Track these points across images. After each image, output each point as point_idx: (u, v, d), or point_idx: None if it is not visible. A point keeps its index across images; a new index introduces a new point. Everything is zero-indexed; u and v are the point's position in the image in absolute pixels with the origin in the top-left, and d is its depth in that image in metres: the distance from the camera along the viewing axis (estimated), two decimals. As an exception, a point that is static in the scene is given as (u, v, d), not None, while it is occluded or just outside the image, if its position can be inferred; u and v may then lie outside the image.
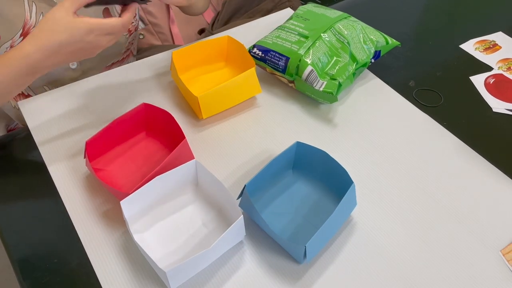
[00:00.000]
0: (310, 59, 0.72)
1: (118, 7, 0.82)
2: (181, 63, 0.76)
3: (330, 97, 0.70)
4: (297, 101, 0.77)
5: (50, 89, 0.83)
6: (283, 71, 0.74)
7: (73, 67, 0.83)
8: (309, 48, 0.73)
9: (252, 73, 0.72)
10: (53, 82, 0.83)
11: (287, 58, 0.73)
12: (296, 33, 0.75)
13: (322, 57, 0.72)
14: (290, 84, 0.76)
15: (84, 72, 0.85)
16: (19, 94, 0.82)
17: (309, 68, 0.71)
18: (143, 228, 0.59)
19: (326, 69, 0.73)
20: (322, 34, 0.74)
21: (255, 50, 0.76)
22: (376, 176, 0.66)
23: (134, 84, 0.79)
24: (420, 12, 1.00)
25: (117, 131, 0.66)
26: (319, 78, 0.71)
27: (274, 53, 0.74)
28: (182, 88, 0.73)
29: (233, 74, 0.80)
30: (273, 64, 0.75)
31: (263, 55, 0.75)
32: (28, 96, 0.83)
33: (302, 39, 0.74)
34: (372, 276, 0.55)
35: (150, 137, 0.70)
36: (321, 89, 0.70)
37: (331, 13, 0.79)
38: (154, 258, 0.52)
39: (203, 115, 0.69)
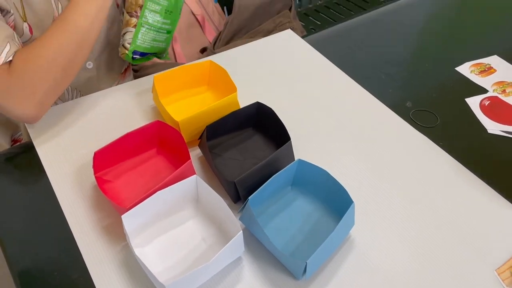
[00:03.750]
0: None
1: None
2: (164, 86, 0.77)
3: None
4: (300, 117, 0.78)
5: (67, 89, 0.87)
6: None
7: (90, 67, 0.87)
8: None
9: (234, 97, 0.73)
10: (72, 82, 0.86)
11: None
12: (165, 31, 0.80)
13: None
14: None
15: (99, 72, 0.89)
16: None
17: None
18: (144, 242, 0.59)
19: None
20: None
21: (136, 56, 0.80)
22: (374, 195, 0.67)
23: (131, 103, 0.81)
24: (417, 34, 1.03)
25: (128, 145, 0.67)
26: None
27: (150, 54, 0.83)
28: (163, 112, 0.74)
29: (215, 98, 0.80)
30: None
31: (140, 57, 0.82)
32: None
33: (168, 35, 0.82)
34: (369, 293, 0.56)
35: (160, 155, 0.71)
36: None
37: None
38: (154, 272, 0.52)
39: (185, 139, 0.68)
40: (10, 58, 0.66)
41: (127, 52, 0.78)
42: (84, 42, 0.70)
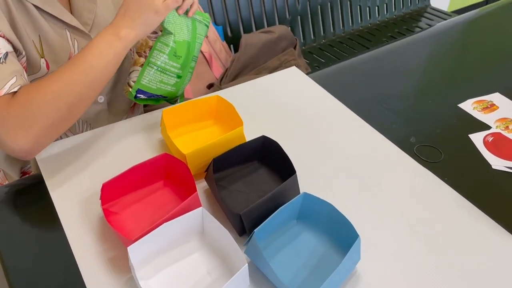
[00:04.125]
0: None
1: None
2: (172, 120, 0.79)
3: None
4: (306, 151, 0.79)
5: (78, 123, 0.89)
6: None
7: (101, 101, 0.90)
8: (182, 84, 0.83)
9: (240, 131, 0.74)
10: (83, 116, 0.88)
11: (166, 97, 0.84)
12: (175, 75, 0.80)
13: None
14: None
15: (110, 106, 0.92)
16: None
17: None
18: (149, 274, 0.59)
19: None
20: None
21: (140, 95, 0.80)
22: (379, 229, 0.67)
23: (140, 136, 0.82)
24: (420, 72, 1.05)
25: (135, 177, 0.68)
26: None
27: (158, 96, 0.82)
28: (170, 145, 0.75)
29: (222, 131, 0.82)
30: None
31: (146, 97, 0.81)
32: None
33: (177, 80, 0.81)
34: (376, 330, 0.55)
35: (167, 187, 0.72)
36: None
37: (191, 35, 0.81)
38: (158, 305, 0.52)
39: (192, 171, 0.69)
40: (15, 90, 0.66)
41: (130, 90, 0.79)
42: (95, 83, 0.71)
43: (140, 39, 0.74)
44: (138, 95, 0.80)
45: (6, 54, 0.68)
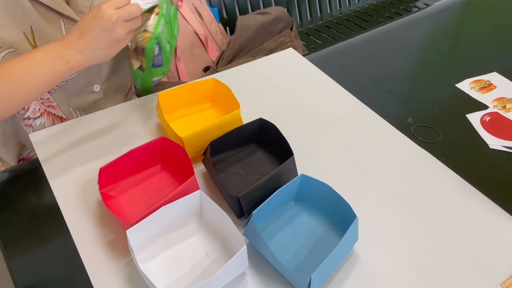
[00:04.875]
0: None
1: None
2: (168, 104, 0.78)
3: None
4: (303, 133, 0.79)
5: (74, 111, 0.88)
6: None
7: (96, 90, 0.88)
8: None
9: (237, 114, 0.74)
10: (79, 104, 0.87)
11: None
12: (169, 43, 0.76)
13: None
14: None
15: (105, 95, 0.90)
16: (50, 114, 0.86)
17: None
18: (148, 257, 0.59)
19: None
20: None
21: (156, 47, 0.74)
22: (377, 209, 0.67)
23: (136, 120, 0.82)
24: (417, 52, 1.05)
25: (132, 161, 0.68)
26: None
27: (158, 61, 0.76)
28: (167, 128, 0.75)
29: (219, 115, 0.82)
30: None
31: (156, 54, 0.75)
32: (59, 117, 0.87)
33: (170, 50, 0.76)
34: (374, 308, 0.56)
35: (165, 171, 0.71)
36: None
37: None
38: (158, 287, 0.52)
39: (189, 155, 0.68)
40: None
41: (150, 35, 0.72)
42: (16, 98, 0.64)
43: (90, 65, 0.67)
44: (155, 46, 0.74)
45: None
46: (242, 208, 0.64)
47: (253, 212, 0.58)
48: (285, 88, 0.90)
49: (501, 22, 1.18)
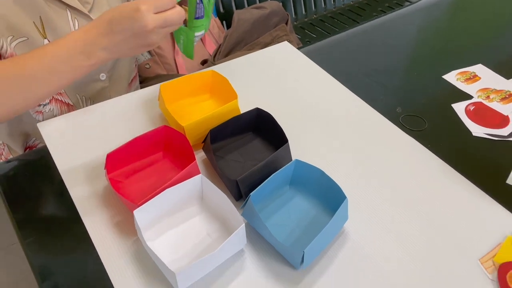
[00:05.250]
0: None
1: None
2: (169, 95, 0.82)
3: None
4: (297, 122, 0.84)
5: (81, 98, 0.89)
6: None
7: (103, 78, 0.91)
8: None
9: (235, 104, 0.78)
10: (86, 92, 0.90)
11: None
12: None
13: None
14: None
15: (111, 83, 0.93)
16: (58, 101, 0.88)
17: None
18: (153, 236, 0.64)
19: None
20: None
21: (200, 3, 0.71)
22: (366, 192, 0.72)
23: (139, 110, 0.86)
24: (407, 45, 1.09)
25: (137, 149, 0.72)
26: None
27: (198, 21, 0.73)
28: (169, 118, 0.79)
29: (217, 105, 0.86)
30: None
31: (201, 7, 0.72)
32: (66, 104, 0.90)
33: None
34: (361, 281, 0.61)
35: (166, 158, 0.76)
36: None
37: None
38: (164, 261, 0.57)
39: (190, 142, 0.71)
40: None
41: None
42: (30, 94, 0.62)
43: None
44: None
45: None
46: (240, 191, 0.68)
47: (251, 193, 0.63)
48: (280, 79, 0.94)
49: (487, 17, 1.22)
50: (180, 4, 0.75)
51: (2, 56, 0.74)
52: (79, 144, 0.78)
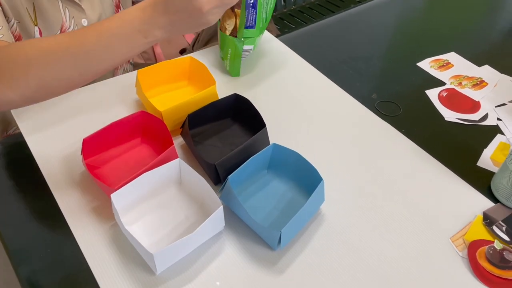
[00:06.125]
0: None
1: None
2: (146, 81, 0.81)
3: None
4: (275, 108, 0.84)
5: None
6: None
7: None
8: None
9: (213, 89, 0.78)
10: None
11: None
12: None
13: None
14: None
15: None
16: None
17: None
18: (131, 221, 0.64)
19: None
20: None
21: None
22: (342, 175, 0.74)
23: (115, 96, 0.85)
24: (382, 34, 1.11)
25: (114, 134, 0.71)
26: None
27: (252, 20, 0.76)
28: (146, 104, 0.79)
29: (195, 91, 0.85)
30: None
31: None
32: None
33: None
34: (337, 260, 0.62)
35: (144, 143, 0.75)
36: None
37: None
38: (142, 243, 0.57)
39: (169, 128, 0.71)
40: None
41: None
42: (86, 70, 0.62)
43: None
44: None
45: None
46: (218, 176, 0.69)
47: (229, 176, 0.63)
48: (258, 66, 0.95)
49: (461, 6, 1.25)
50: (232, 8, 0.73)
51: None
52: (55, 131, 0.77)
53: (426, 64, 1.00)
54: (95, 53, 0.60)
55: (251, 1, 0.74)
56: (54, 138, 0.76)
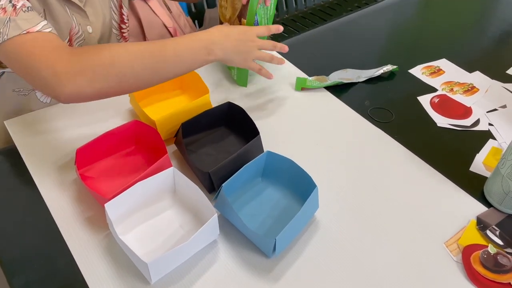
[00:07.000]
0: None
1: None
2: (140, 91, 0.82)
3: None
4: (268, 116, 0.85)
5: None
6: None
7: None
8: None
9: (206, 98, 0.79)
10: None
11: None
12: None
13: None
14: None
15: None
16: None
17: None
18: (125, 231, 0.64)
19: None
20: None
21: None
22: (336, 182, 0.74)
23: (108, 106, 0.85)
24: (375, 41, 1.12)
25: (107, 144, 0.72)
26: None
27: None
28: (140, 113, 0.79)
29: (189, 100, 0.86)
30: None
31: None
32: None
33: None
34: (332, 267, 0.62)
35: (138, 152, 0.75)
36: None
37: None
38: (137, 253, 0.57)
39: (162, 137, 0.73)
40: (47, 30, 0.65)
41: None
42: (158, 75, 0.69)
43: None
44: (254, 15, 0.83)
45: (31, 7, 0.67)
46: (213, 184, 0.69)
47: (223, 184, 0.63)
48: (252, 74, 0.95)
49: (451, 14, 1.27)
50: (239, 17, 0.79)
51: None
52: (47, 140, 0.77)
53: (417, 71, 1.01)
54: (170, 60, 0.69)
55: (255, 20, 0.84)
56: (47, 148, 0.76)
